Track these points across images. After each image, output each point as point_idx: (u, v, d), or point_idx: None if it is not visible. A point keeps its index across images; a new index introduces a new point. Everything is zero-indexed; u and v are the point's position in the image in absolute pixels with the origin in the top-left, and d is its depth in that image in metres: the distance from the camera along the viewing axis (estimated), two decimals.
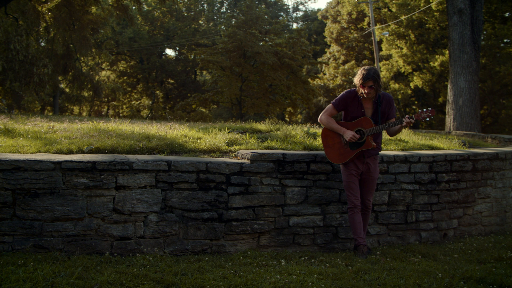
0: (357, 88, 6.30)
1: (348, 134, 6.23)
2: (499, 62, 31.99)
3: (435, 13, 31.45)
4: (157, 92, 49.98)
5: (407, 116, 6.12)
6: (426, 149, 8.77)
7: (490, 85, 33.00)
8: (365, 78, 6.14)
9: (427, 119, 6.23)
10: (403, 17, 32.76)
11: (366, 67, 6.33)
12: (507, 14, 31.20)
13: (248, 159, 6.48)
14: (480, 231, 8.41)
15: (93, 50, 35.27)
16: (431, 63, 32.25)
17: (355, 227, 6.39)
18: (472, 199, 8.22)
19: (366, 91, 6.18)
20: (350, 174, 6.39)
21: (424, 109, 6.25)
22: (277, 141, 7.77)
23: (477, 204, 8.32)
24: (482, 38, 25.54)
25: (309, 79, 39.27)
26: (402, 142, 9.10)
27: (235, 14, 42.54)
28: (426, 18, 32.98)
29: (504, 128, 34.04)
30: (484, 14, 26.33)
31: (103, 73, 49.22)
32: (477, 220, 8.36)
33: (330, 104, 6.50)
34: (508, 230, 8.88)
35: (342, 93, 6.50)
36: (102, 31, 35.60)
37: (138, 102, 51.10)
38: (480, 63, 21.99)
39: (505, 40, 32.44)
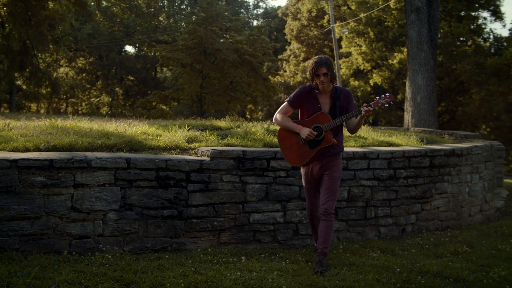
0: (312, 81, 5.91)
1: (305, 131, 5.74)
2: (456, 60, 32.63)
3: (394, 11, 31.92)
4: (117, 89, 49.35)
5: (364, 104, 5.66)
6: (385, 146, 8.87)
7: (447, 82, 33.62)
8: (318, 65, 5.74)
9: (387, 105, 5.75)
10: (362, 15, 33.13)
11: (317, 56, 5.96)
12: (462, 13, 31.95)
13: (208, 156, 6.45)
14: (437, 226, 8.56)
15: (51, 46, 34.62)
16: (390, 61, 32.70)
17: (314, 228, 6.26)
18: (430, 194, 8.36)
19: (321, 79, 5.75)
20: (307, 181, 6.06)
21: (382, 95, 5.81)
22: (237, 138, 7.75)
23: (434, 199, 8.47)
24: (439, 36, 25.99)
25: (270, 76, 39.37)
26: (361, 139, 9.19)
27: (195, 10, 42.28)
28: (384, 16, 33.46)
29: (460, 125, 34.74)
30: (441, 12, 26.89)
31: (62, 69, 48.41)
32: (435, 215, 8.51)
33: (285, 102, 6.08)
34: (464, 225, 9.07)
35: (296, 90, 6.11)
36: (60, 27, 34.95)
37: (98, 99, 50.37)
38: (437, 61, 22.40)
39: (461, 38, 33.16)
